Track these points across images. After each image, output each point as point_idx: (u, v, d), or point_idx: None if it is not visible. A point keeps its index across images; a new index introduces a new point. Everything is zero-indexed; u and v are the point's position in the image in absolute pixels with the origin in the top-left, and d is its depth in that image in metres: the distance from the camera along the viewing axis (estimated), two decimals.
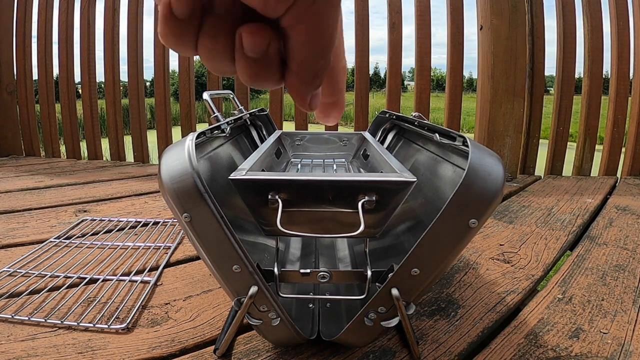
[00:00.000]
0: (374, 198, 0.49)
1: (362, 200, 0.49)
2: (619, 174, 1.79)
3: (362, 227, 0.46)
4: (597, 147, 1.80)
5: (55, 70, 2.05)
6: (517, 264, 0.87)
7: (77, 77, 2.03)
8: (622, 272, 0.82)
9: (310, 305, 0.66)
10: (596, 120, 1.77)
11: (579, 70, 1.77)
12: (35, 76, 2.07)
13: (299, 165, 0.96)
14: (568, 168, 1.82)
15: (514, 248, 0.95)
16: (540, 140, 1.80)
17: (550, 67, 1.77)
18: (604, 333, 0.62)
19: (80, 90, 2.07)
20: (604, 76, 1.76)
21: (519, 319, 0.66)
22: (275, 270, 0.58)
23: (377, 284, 0.58)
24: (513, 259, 0.89)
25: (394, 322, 0.50)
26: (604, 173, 1.79)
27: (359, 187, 0.49)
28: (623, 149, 1.79)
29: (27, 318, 0.63)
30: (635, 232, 1.05)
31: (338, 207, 0.51)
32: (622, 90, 1.73)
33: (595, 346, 0.59)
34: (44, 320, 0.62)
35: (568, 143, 1.81)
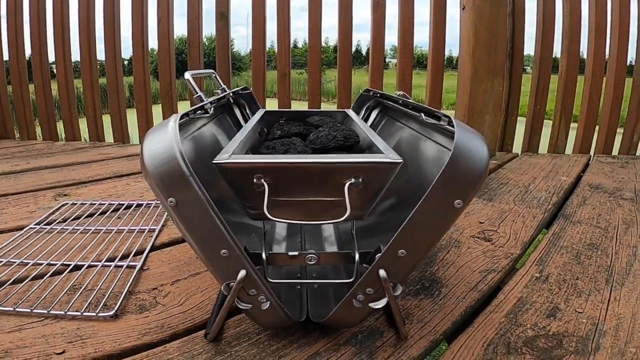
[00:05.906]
0: (360, 180, 0.49)
1: (348, 183, 0.49)
2: (592, 152, 1.84)
3: (348, 211, 0.46)
4: (572, 125, 1.85)
5: (28, 50, 1.97)
6: (497, 242, 0.90)
7: (52, 56, 1.96)
8: (595, 251, 0.86)
9: (298, 287, 0.67)
10: (572, 99, 1.81)
11: (557, 50, 1.79)
12: (5, 56, 1.97)
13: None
14: (544, 145, 1.86)
15: (493, 226, 0.98)
16: (518, 118, 1.84)
17: (529, 46, 1.79)
18: (579, 312, 0.65)
19: (55, 70, 2.00)
20: (580, 57, 1.79)
21: (500, 298, 0.68)
22: (263, 253, 0.59)
23: (364, 264, 0.59)
24: (493, 237, 0.92)
25: (381, 303, 0.51)
26: (578, 151, 1.84)
27: (345, 169, 0.48)
28: (597, 128, 1.84)
29: (12, 309, 0.62)
30: (607, 211, 1.09)
31: (324, 190, 0.50)
32: (597, 70, 1.77)
33: (571, 325, 0.61)
34: (30, 310, 0.61)
35: (544, 121, 1.85)
